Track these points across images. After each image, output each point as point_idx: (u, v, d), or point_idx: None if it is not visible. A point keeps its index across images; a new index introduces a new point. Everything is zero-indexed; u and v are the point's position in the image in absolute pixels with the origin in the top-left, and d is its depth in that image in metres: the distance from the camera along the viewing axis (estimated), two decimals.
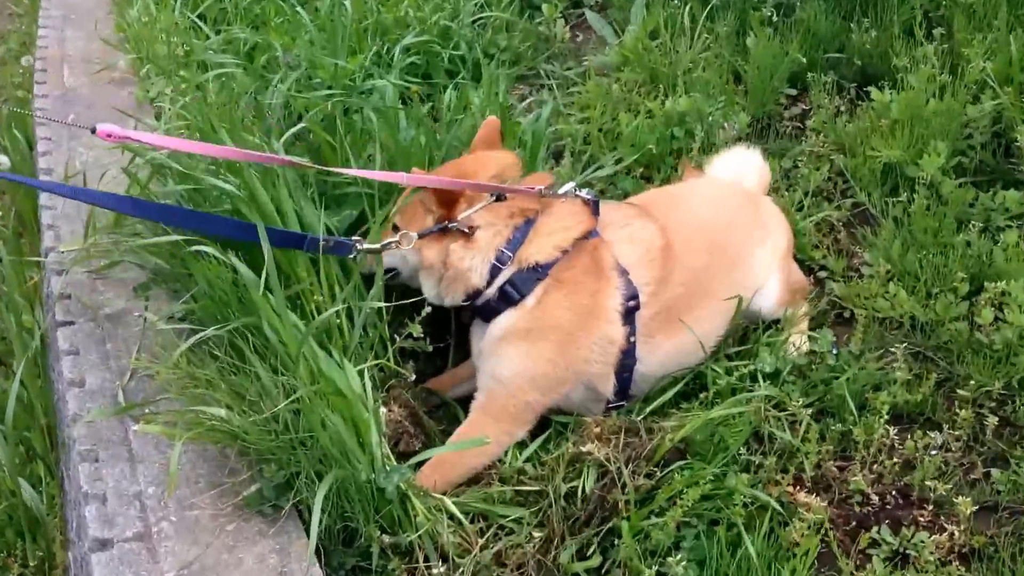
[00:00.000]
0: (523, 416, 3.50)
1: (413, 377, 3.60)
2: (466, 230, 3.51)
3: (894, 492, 3.35)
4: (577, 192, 3.68)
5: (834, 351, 3.87)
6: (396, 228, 3.63)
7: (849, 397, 3.62)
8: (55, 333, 3.80)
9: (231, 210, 3.67)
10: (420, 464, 3.31)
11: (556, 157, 5.29)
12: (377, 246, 3.56)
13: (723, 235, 3.93)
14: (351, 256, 3.56)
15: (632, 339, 3.55)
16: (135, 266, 3.90)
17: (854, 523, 3.24)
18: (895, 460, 3.40)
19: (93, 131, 3.38)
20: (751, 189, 4.38)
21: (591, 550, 3.13)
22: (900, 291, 4.14)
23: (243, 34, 5.87)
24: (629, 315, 3.54)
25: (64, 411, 3.53)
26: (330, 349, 3.30)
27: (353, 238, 3.60)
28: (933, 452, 3.43)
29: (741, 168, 4.49)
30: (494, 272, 3.51)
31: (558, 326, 3.48)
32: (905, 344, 3.84)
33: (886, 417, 3.49)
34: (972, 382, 3.68)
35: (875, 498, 3.30)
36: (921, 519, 3.22)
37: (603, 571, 3.10)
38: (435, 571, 3.01)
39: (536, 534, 3.16)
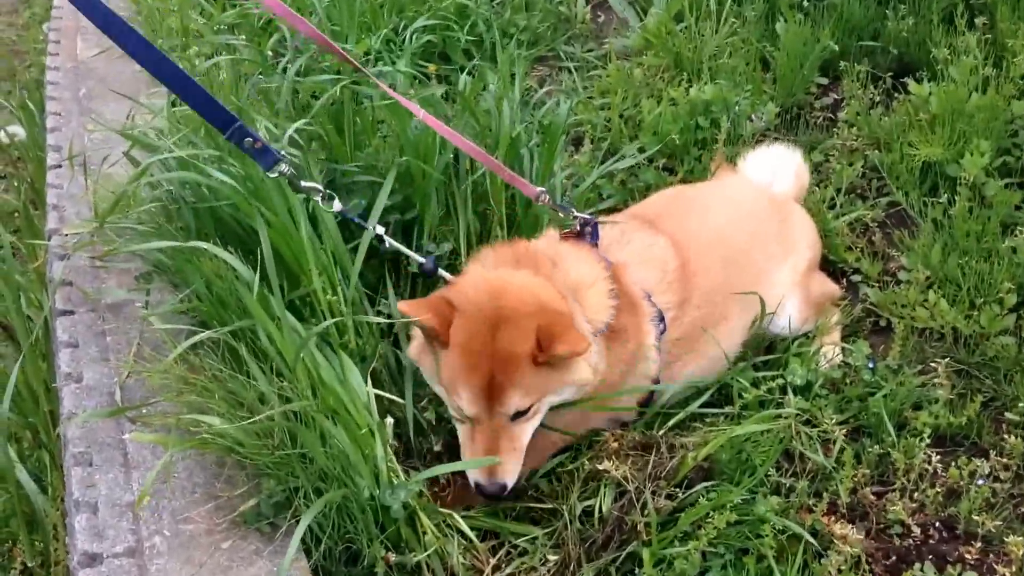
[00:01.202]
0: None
1: None
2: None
3: (937, 524, 3.14)
4: (576, 214, 3.49)
5: (870, 364, 3.65)
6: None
7: (886, 416, 3.41)
8: (55, 322, 3.63)
9: (234, 205, 3.45)
10: (430, 479, 3.09)
11: (576, 144, 5.10)
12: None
13: (741, 250, 3.72)
14: (273, 173, 3.24)
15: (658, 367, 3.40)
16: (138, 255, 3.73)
17: (894, 558, 3.03)
18: (938, 488, 3.18)
19: None
20: (783, 193, 4.17)
21: None
22: (940, 300, 3.92)
23: (257, 9, 5.65)
24: (659, 342, 3.38)
25: (60, 407, 3.34)
26: (335, 353, 3.09)
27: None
28: (980, 482, 3.21)
29: (777, 168, 4.28)
30: None
31: (612, 384, 3.27)
32: (947, 359, 3.64)
33: (927, 440, 3.28)
34: (1022, 404, 3.46)
35: (916, 530, 3.09)
36: (968, 556, 3.00)
37: None
38: None
39: (552, 557, 2.98)
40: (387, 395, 3.22)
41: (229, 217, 3.51)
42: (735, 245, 3.70)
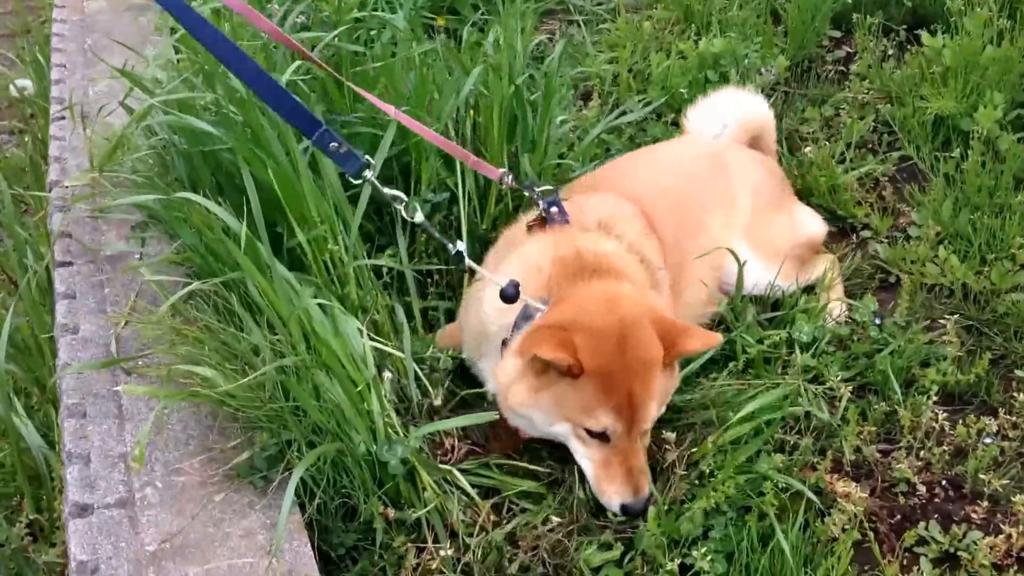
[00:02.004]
0: None
1: None
2: None
3: (943, 483, 3.08)
4: (539, 197, 3.32)
5: (877, 321, 3.58)
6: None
7: (893, 374, 3.35)
8: (54, 274, 3.59)
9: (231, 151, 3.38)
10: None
11: (584, 99, 5.02)
12: None
13: (682, 208, 3.60)
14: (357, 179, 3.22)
15: None
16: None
17: (899, 516, 2.97)
18: (944, 447, 3.13)
19: None
20: (726, 143, 4.05)
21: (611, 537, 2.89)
22: (951, 256, 3.85)
23: None
24: None
25: (57, 358, 3.30)
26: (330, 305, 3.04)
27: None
28: (987, 440, 3.15)
29: (724, 116, 4.16)
30: None
31: None
32: (956, 316, 3.58)
33: (935, 398, 3.22)
34: None
35: (922, 489, 3.03)
36: (974, 516, 2.94)
37: (624, 561, 2.83)
38: (443, 553, 2.80)
39: (555, 519, 2.93)
40: (386, 347, 3.17)
41: (228, 164, 3.44)
42: (674, 203, 3.58)
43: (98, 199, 3.73)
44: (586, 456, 2.89)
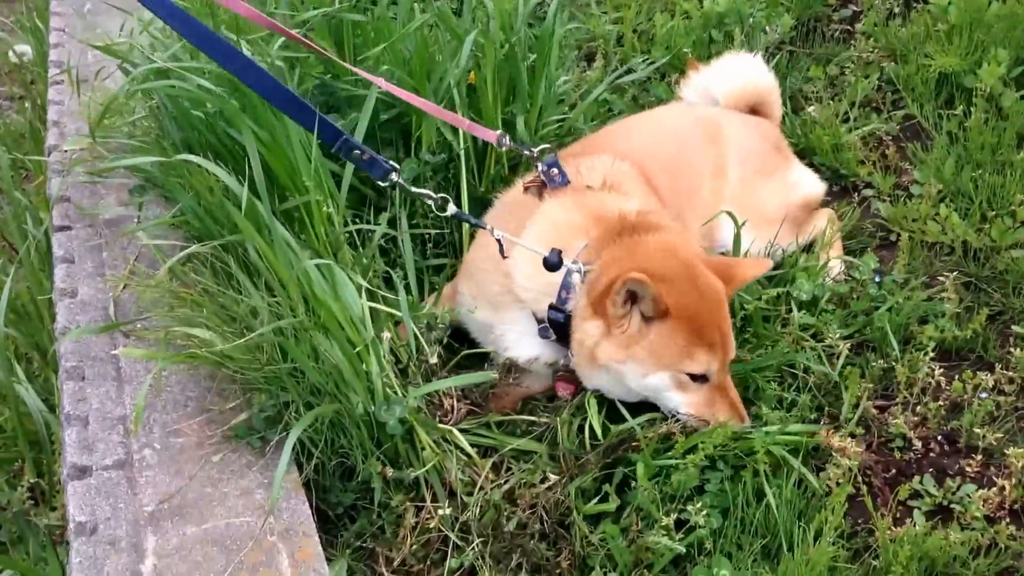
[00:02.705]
0: None
1: None
2: None
3: (939, 438, 3.09)
4: (536, 157, 3.33)
5: (877, 279, 3.57)
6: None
7: (891, 331, 3.34)
8: (52, 238, 3.60)
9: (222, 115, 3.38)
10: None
11: (588, 60, 4.99)
12: None
13: (674, 169, 3.59)
14: (384, 183, 3.23)
15: None
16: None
17: (893, 471, 2.98)
18: (941, 402, 3.13)
19: None
20: (719, 109, 4.04)
21: (605, 489, 2.90)
22: (952, 214, 3.83)
23: None
24: None
25: (55, 323, 3.30)
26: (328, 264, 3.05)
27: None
28: (983, 395, 3.16)
29: (724, 83, 4.14)
30: None
31: None
32: (955, 272, 3.56)
33: (932, 354, 3.22)
34: None
35: (917, 444, 3.04)
36: (968, 469, 2.95)
37: (621, 518, 2.85)
38: (442, 512, 2.82)
39: (552, 476, 2.93)
40: (384, 308, 3.18)
41: (222, 132, 3.44)
42: (668, 168, 3.57)
43: (97, 163, 3.73)
44: (688, 403, 2.94)
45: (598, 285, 2.90)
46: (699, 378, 2.90)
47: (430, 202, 3.22)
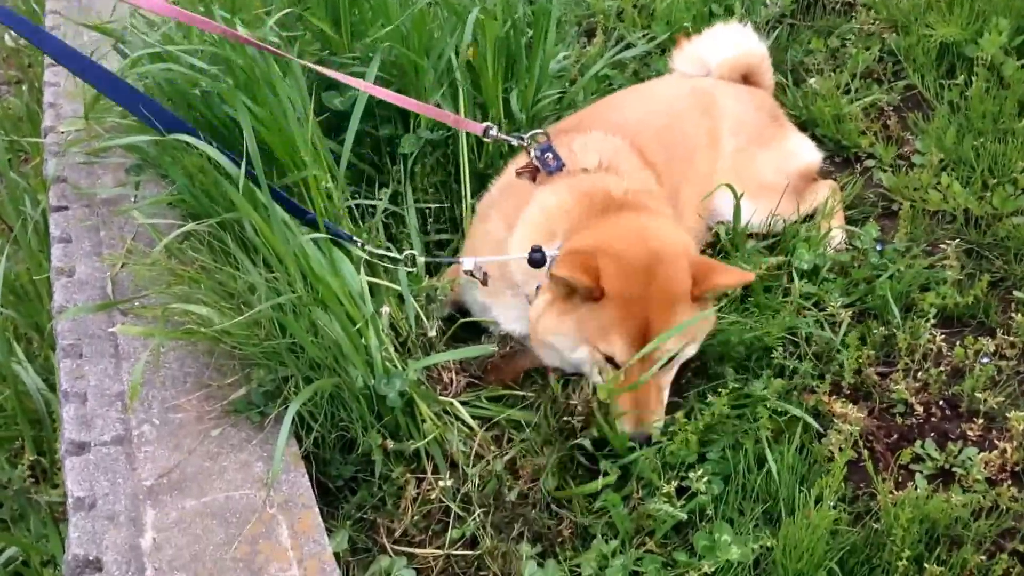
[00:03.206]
0: None
1: None
2: None
3: (940, 403, 3.07)
4: (529, 144, 3.29)
5: (878, 247, 3.56)
6: None
7: (892, 298, 3.33)
8: (50, 218, 3.58)
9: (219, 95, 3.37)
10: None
11: (588, 36, 4.97)
12: None
13: (670, 141, 3.56)
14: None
15: None
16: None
17: (895, 436, 2.97)
18: (942, 368, 3.11)
19: None
20: (712, 79, 4.02)
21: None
22: (953, 182, 3.81)
23: None
24: None
25: (52, 301, 3.29)
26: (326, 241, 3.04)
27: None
28: (984, 360, 3.14)
29: (715, 53, 4.11)
30: None
31: None
32: (957, 240, 3.54)
33: (933, 320, 3.20)
34: None
35: (919, 409, 3.02)
36: (970, 433, 2.93)
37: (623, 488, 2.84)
38: (443, 483, 2.81)
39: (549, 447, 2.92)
40: (383, 283, 3.17)
41: (218, 109, 3.43)
42: (663, 141, 3.54)
43: (93, 143, 3.71)
44: (600, 381, 2.90)
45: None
46: (613, 363, 2.85)
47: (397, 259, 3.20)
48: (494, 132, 3.40)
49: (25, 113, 4.93)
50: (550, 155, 3.21)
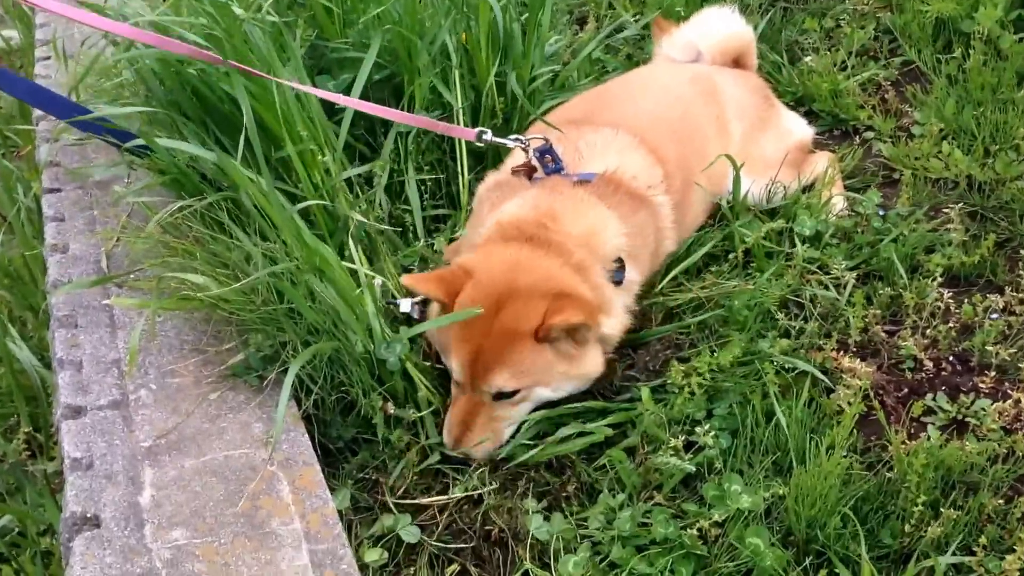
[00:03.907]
0: None
1: None
2: None
3: (951, 358, 3.02)
4: (527, 146, 3.25)
5: (881, 212, 3.52)
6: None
7: (897, 260, 3.29)
8: (43, 200, 3.57)
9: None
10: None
11: (580, 23, 4.94)
12: None
13: (681, 128, 3.54)
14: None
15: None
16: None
17: (906, 390, 2.91)
18: (951, 325, 3.06)
19: None
20: (708, 64, 4.00)
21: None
22: (955, 150, 3.79)
23: None
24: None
25: (47, 277, 3.26)
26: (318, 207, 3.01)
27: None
28: (994, 316, 3.11)
29: (704, 38, 4.09)
30: None
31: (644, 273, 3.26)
32: (960, 204, 3.51)
33: (940, 280, 3.15)
34: None
35: (929, 364, 2.97)
36: (982, 386, 2.88)
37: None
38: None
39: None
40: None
41: (216, 87, 3.39)
42: (676, 133, 3.52)
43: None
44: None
45: None
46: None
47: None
48: (488, 136, 3.35)
49: (17, 111, 4.90)
50: (549, 156, 3.19)
